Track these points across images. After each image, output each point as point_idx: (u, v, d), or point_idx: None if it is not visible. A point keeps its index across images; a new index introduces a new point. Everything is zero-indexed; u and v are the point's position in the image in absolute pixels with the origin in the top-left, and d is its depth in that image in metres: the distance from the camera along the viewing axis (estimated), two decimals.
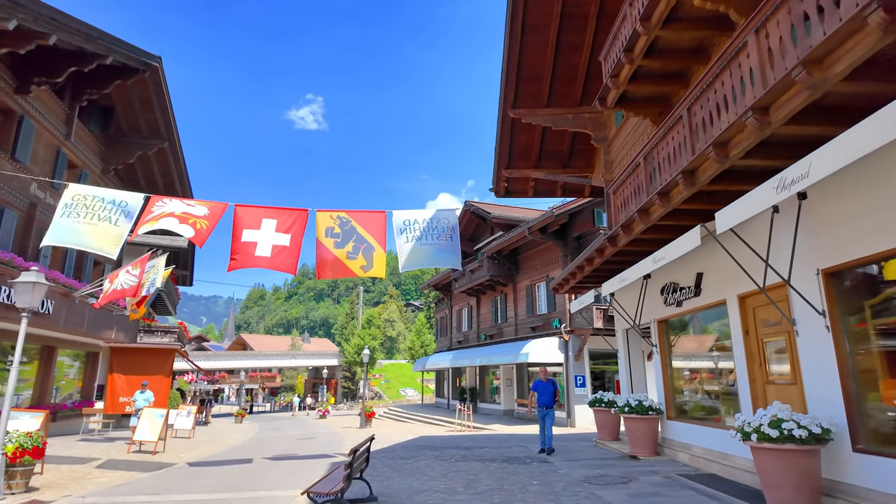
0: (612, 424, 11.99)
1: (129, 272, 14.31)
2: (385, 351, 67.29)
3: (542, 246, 21.85)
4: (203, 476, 9.65)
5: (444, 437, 16.25)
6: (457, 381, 30.46)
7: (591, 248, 10.12)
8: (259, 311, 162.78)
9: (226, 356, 50.75)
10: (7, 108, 13.66)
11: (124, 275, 14.19)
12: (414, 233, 10.02)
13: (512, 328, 23.88)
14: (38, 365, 16.09)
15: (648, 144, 7.82)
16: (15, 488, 7.79)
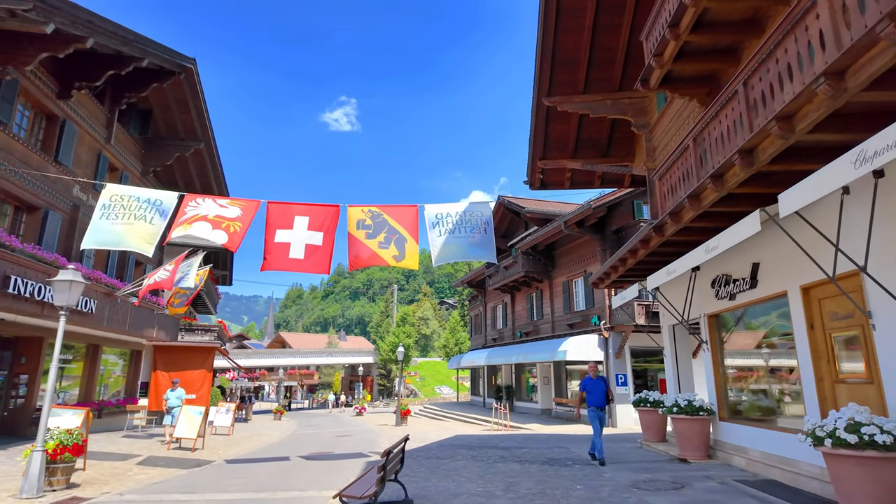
0: (658, 425, 11.39)
1: (165, 269, 14.55)
2: (420, 349, 67.35)
3: (579, 240, 21.20)
4: (238, 474, 9.60)
5: (480, 437, 15.90)
6: (492, 379, 30.04)
7: (634, 239, 9.57)
8: (297, 310, 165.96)
9: (265, 354, 51.69)
10: (50, 113, 14.02)
11: (161, 272, 14.44)
12: (446, 226, 9.71)
13: (548, 325, 23.30)
14: (84, 363, 16.54)
15: (698, 125, 7.25)
16: (56, 485, 7.86)
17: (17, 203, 13.20)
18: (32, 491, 7.31)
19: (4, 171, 12.04)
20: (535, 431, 17.20)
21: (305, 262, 8.47)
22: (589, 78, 12.36)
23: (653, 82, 8.99)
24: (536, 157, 13.98)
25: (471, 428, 20.10)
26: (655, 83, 8.95)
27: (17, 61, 11.29)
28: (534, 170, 14.26)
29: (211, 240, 8.62)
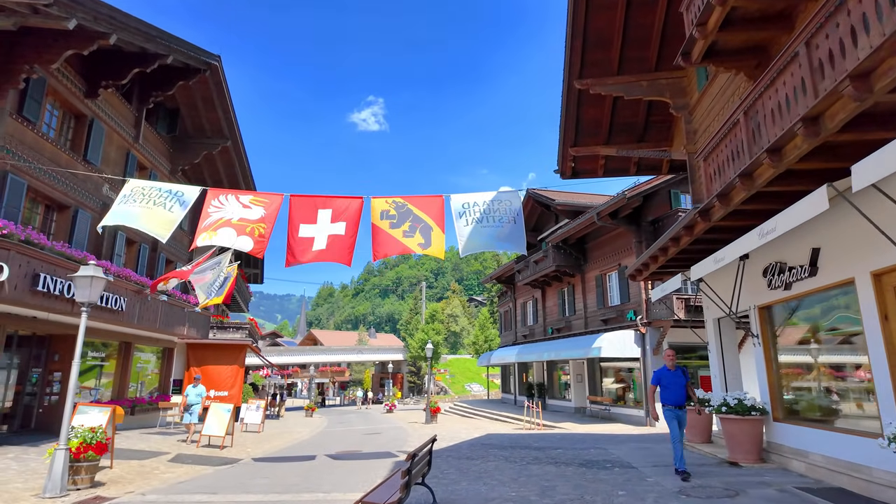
0: (702, 425, 10.69)
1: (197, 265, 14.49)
2: (449, 346, 67.00)
3: (612, 232, 20.42)
4: (264, 474, 9.36)
5: (512, 436, 15.39)
6: (523, 377, 29.44)
7: (677, 227, 8.90)
8: (328, 308, 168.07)
9: (297, 351, 52.22)
10: (79, 113, 14.11)
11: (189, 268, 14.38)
12: (473, 216, 9.27)
13: (581, 321, 22.57)
14: (117, 360, 16.70)
15: (748, 97, 6.58)
16: (80, 484, 7.73)
17: (48, 202, 13.31)
18: (56, 490, 7.18)
19: (34, 170, 12.12)
20: (570, 431, 16.58)
21: (328, 251, 8.29)
22: (623, 58, 11.69)
23: (695, 55, 8.31)
24: (567, 143, 13.35)
25: (502, 426, 19.60)
26: (698, 56, 8.26)
27: (43, 59, 11.30)
28: (565, 157, 13.64)
29: (237, 247, 8.50)
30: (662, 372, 8.16)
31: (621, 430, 16.20)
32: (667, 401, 7.94)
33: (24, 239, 10.44)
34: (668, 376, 8.05)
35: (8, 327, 11.71)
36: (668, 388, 7.95)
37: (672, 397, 7.90)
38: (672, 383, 7.94)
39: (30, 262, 10.65)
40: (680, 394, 7.89)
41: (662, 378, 8.09)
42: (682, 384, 7.93)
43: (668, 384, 7.98)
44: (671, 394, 7.91)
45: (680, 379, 7.97)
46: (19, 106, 11.60)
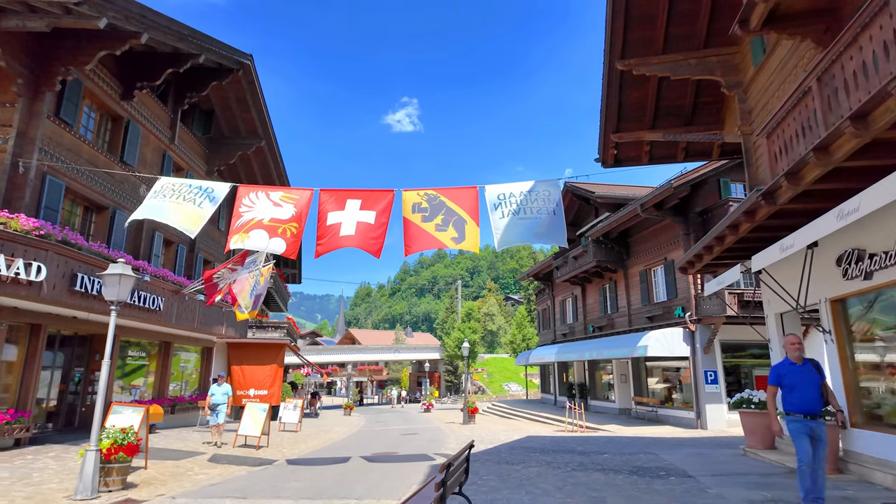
0: (765, 430, 9.79)
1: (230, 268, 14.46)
2: (486, 345, 66.36)
3: (657, 225, 19.42)
4: (297, 476, 9.06)
5: (554, 438, 14.73)
6: (563, 377, 28.59)
7: (736, 213, 8.10)
8: (366, 308, 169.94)
9: (335, 350, 52.72)
10: (115, 115, 14.28)
11: (228, 272, 14.35)
12: (510, 207, 8.73)
13: (625, 319, 21.62)
14: (157, 360, 16.90)
15: (822, 63, 5.81)
16: (112, 485, 7.58)
17: (87, 203, 13.49)
18: (87, 492, 7.03)
19: (72, 172, 12.26)
20: (615, 433, 15.78)
21: (356, 238, 7.99)
22: (668, 35, 10.89)
23: (754, 22, 7.52)
24: (609, 130, 12.60)
25: (542, 428, 18.92)
26: (758, 23, 7.47)
27: (78, 61, 11.40)
28: (606, 145, 12.89)
29: (270, 250, 8.33)
30: (784, 367, 5.74)
31: (670, 433, 15.30)
32: (792, 407, 5.54)
33: (61, 239, 10.52)
34: (794, 373, 5.62)
35: (50, 327, 11.87)
36: (795, 390, 5.57)
37: (800, 402, 5.49)
38: (800, 382, 5.56)
39: (67, 262, 10.73)
40: (813, 397, 5.50)
41: (785, 375, 5.67)
42: (814, 383, 5.54)
43: (793, 383, 5.59)
44: (800, 397, 5.51)
45: (812, 376, 5.57)
46: (56, 108, 11.74)
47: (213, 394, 12.91)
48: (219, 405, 12.80)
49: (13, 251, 9.48)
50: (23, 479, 8.04)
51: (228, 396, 13.08)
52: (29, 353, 11.28)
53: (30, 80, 10.98)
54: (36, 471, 8.67)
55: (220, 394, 12.91)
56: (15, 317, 10.66)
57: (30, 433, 10.99)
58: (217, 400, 12.84)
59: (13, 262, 9.41)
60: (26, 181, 10.73)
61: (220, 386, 13.08)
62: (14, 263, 9.43)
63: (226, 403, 12.90)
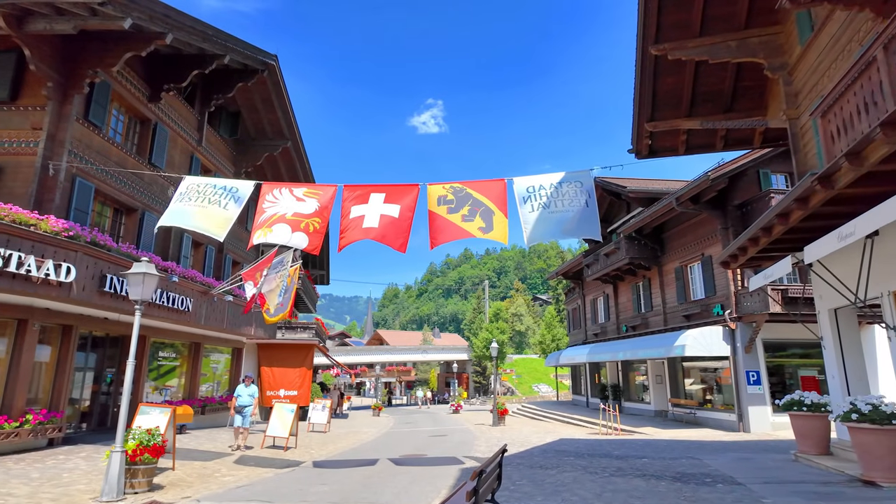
0: (819, 434, 9.13)
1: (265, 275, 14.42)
2: (515, 345, 65.61)
3: (693, 219, 18.65)
4: (324, 480, 8.84)
5: (588, 441, 14.21)
6: (595, 378, 27.86)
7: (786, 200, 7.52)
8: (394, 309, 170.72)
9: (364, 351, 52.88)
10: (143, 117, 14.39)
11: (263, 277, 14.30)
12: (540, 200, 8.34)
13: (660, 317, 20.86)
14: (187, 361, 17.01)
15: (888, 30, 5.26)
16: (137, 487, 7.47)
17: (116, 205, 13.62)
18: (112, 493, 6.93)
19: (102, 174, 12.36)
20: (652, 436, 15.15)
21: (379, 230, 7.76)
22: (706, 16, 10.33)
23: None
24: (643, 119, 12.06)
25: (575, 430, 18.37)
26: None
27: (105, 63, 11.47)
28: (640, 135, 12.34)
29: (292, 244, 8.19)
30: None
31: (711, 437, 14.60)
32: None
33: (90, 240, 10.56)
34: None
35: (81, 328, 11.98)
36: None
37: None
38: None
39: (97, 263, 10.78)
40: None
41: None
42: None
43: None
44: None
45: None
46: (85, 111, 11.84)
47: (240, 395, 12.25)
48: (245, 407, 12.14)
49: (43, 252, 9.53)
50: (52, 479, 8.02)
51: (255, 398, 12.44)
52: (61, 353, 11.39)
53: (59, 84, 11.09)
54: (66, 471, 8.67)
55: (247, 395, 12.25)
56: (47, 318, 10.76)
57: (62, 433, 11.08)
58: (244, 402, 12.18)
59: (43, 263, 9.46)
60: (56, 183, 10.83)
61: (247, 387, 12.43)
62: (44, 264, 9.48)
63: (252, 405, 12.24)
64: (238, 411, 12.11)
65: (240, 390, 12.35)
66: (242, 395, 12.20)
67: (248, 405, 12.13)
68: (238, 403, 12.13)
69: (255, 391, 12.45)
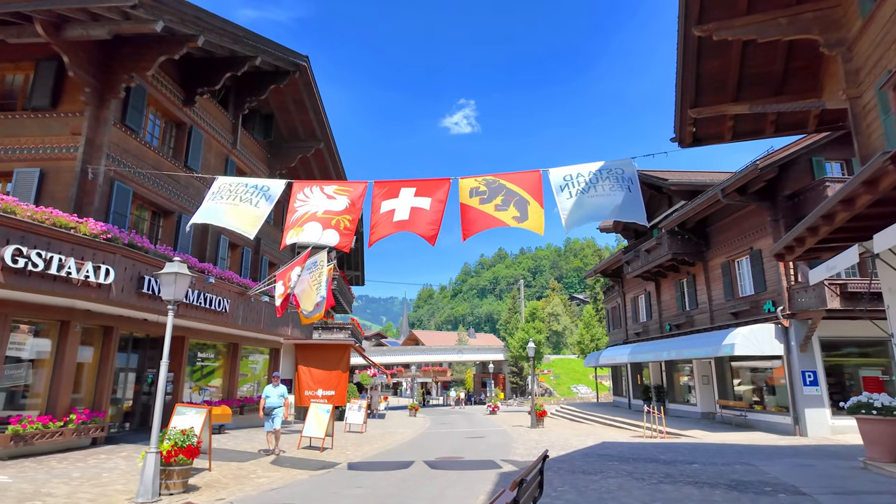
0: (892, 440, 8.37)
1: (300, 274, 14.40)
2: (552, 346, 64.58)
3: (740, 212, 17.73)
4: (359, 482, 8.64)
5: (632, 445, 13.60)
6: (637, 378, 26.94)
7: (852, 184, 6.85)
8: (429, 310, 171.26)
9: (399, 351, 53.02)
10: (178, 121, 14.61)
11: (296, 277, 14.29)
12: (578, 187, 7.94)
13: (705, 315, 19.94)
14: (225, 361, 17.22)
15: None
16: (172, 488, 7.44)
17: (154, 208, 13.85)
18: (148, 495, 6.90)
19: (139, 177, 12.57)
20: (700, 440, 14.40)
21: (410, 222, 7.60)
22: None
23: None
24: (686, 105, 11.39)
25: (617, 433, 17.71)
26: None
27: (140, 67, 11.64)
28: (683, 122, 11.67)
29: (323, 242, 8.06)
30: None
31: (764, 440, 13.77)
32: None
33: (127, 242, 10.71)
34: None
35: (122, 329, 12.19)
36: None
37: None
38: None
39: (135, 265, 10.92)
40: None
41: None
42: None
43: None
44: None
45: None
46: (122, 116, 12.05)
47: (268, 396, 11.46)
48: (275, 408, 11.33)
49: (83, 254, 9.69)
50: (91, 479, 8.09)
51: (286, 399, 11.70)
52: (102, 354, 11.61)
53: (96, 89, 11.31)
54: (106, 471, 8.75)
55: (276, 396, 11.49)
56: (88, 319, 10.97)
57: (105, 433, 11.27)
58: (273, 402, 11.38)
59: (83, 265, 9.62)
60: (95, 187, 11.03)
61: (275, 387, 11.63)
62: (84, 266, 9.63)
63: (283, 406, 11.49)
64: (267, 413, 11.37)
65: (268, 391, 11.60)
66: (271, 396, 11.46)
67: (277, 406, 11.40)
68: (267, 405, 11.38)
69: (284, 391, 11.79)
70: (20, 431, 9.21)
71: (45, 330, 10.40)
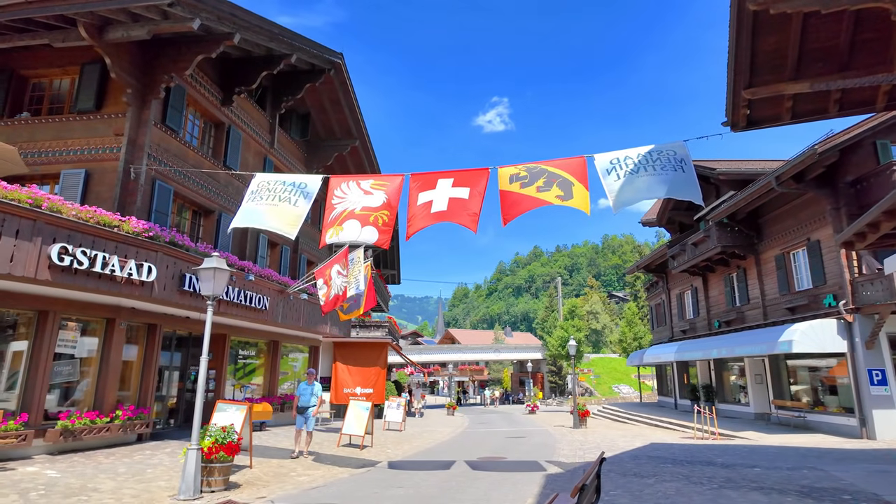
0: None
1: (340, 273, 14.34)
2: (591, 344, 63.26)
3: (797, 200, 16.71)
4: (399, 482, 8.41)
5: (683, 447, 12.94)
6: (684, 377, 25.91)
7: None
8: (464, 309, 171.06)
9: (436, 349, 52.96)
10: (217, 121, 14.76)
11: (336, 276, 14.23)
12: (626, 168, 7.57)
13: (758, 311, 18.93)
14: (266, 359, 17.35)
15: None
16: (214, 486, 7.37)
17: (195, 207, 14.02)
18: (189, 492, 6.82)
19: (180, 177, 12.72)
20: (756, 442, 13.59)
21: (448, 213, 7.38)
22: None
23: None
24: (739, 86, 10.63)
25: (665, 434, 16.97)
26: None
27: (179, 67, 11.75)
28: (736, 104, 10.90)
29: (362, 240, 7.92)
30: None
31: (828, 443, 12.87)
32: None
33: (169, 240, 10.80)
34: None
35: (165, 327, 12.35)
36: None
37: None
38: None
39: (176, 262, 11.01)
40: None
41: None
42: None
43: None
44: None
45: None
46: (162, 116, 12.20)
47: (302, 394, 10.68)
48: (308, 408, 10.54)
49: (126, 252, 9.80)
50: (136, 475, 8.13)
51: (319, 397, 10.72)
52: (147, 352, 11.77)
53: (137, 90, 11.48)
54: (150, 467, 8.80)
55: (310, 394, 10.65)
56: (132, 317, 11.13)
57: (150, 429, 11.43)
58: (306, 401, 10.58)
59: (126, 262, 9.73)
60: (137, 186, 11.19)
61: (309, 385, 10.76)
62: (127, 264, 9.74)
63: (316, 406, 10.63)
64: (300, 412, 10.63)
65: (301, 388, 10.82)
66: (304, 394, 10.69)
67: (311, 406, 10.60)
68: (300, 403, 10.63)
69: (318, 389, 10.81)
70: (69, 427, 9.38)
71: (91, 328, 10.59)
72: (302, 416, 10.65)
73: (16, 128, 12.02)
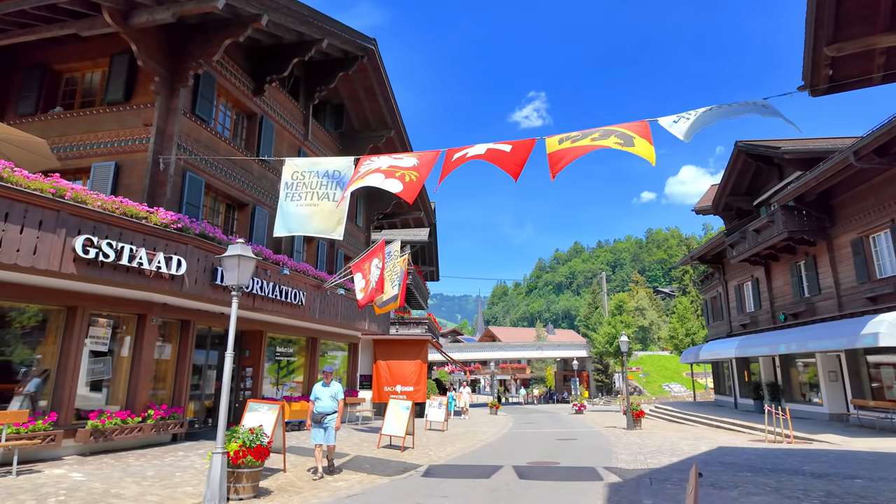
0: None
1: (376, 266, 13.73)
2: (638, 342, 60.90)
3: (878, 177, 15.00)
4: (442, 490, 7.61)
5: (757, 451, 11.63)
6: (744, 375, 24.13)
7: None
8: (504, 307, 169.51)
9: (477, 347, 52.08)
10: (249, 111, 14.34)
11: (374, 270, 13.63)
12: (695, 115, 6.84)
13: (832, 302, 17.21)
14: (305, 356, 16.91)
15: None
16: (242, 493, 6.76)
17: (228, 200, 13.63)
18: (214, 500, 6.21)
19: (211, 168, 12.33)
20: (840, 446, 12.12)
21: (487, 156, 6.68)
22: None
23: None
24: (821, 43, 9.32)
25: (731, 436, 15.56)
26: None
27: (207, 53, 11.32)
28: (816, 63, 9.58)
29: (384, 187, 7.23)
30: None
31: None
32: None
33: (199, 233, 10.36)
34: None
35: (199, 324, 11.98)
36: None
37: None
38: None
39: (207, 256, 10.58)
40: None
41: None
42: None
43: None
44: None
45: None
46: (192, 105, 11.81)
47: (318, 398, 8.34)
48: (327, 416, 8.24)
49: (154, 245, 9.39)
50: (164, 479, 7.64)
51: (340, 400, 8.36)
52: (180, 349, 11.41)
53: (165, 78, 11.10)
54: (180, 469, 8.32)
55: (328, 398, 8.31)
56: (164, 313, 10.77)
57: (184, 429, 11.05)
58: (324, 407, 8.26)
59: (154, 255, 9.31)
60: (167, 177, 10.80)
61: (326, 386, 8.40)
62: (155, 257, 9.32)
63: (336, 413, 8.27)
64: (316, 421, 8.27)
65: (317, 391, 8.42)
66: (322, 398, 8.34)
67: (329, 413, 8.27)
68: (316, 410, 8.29)
69: (338, 391, 8.43)
70: (99, 426, 9.03)
71: (122, 324, 10.26)
72: (320, 426, 8.24)
73: (50, 123, 11.87)
